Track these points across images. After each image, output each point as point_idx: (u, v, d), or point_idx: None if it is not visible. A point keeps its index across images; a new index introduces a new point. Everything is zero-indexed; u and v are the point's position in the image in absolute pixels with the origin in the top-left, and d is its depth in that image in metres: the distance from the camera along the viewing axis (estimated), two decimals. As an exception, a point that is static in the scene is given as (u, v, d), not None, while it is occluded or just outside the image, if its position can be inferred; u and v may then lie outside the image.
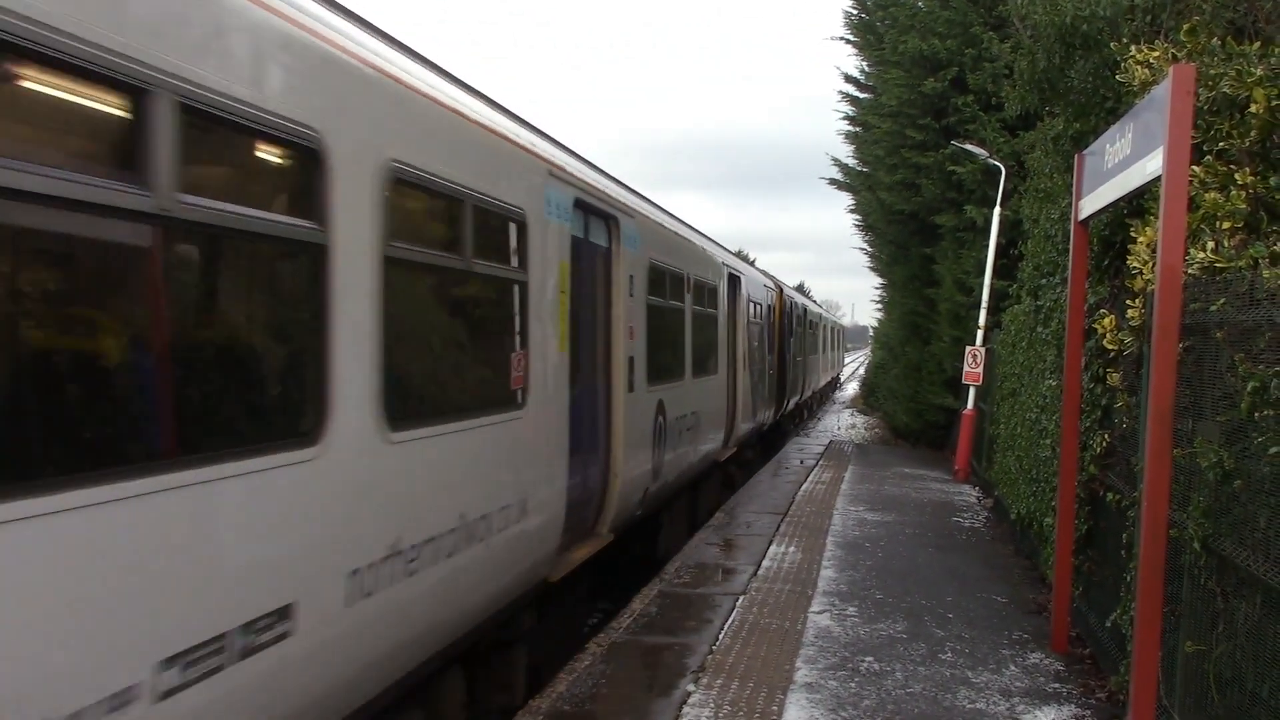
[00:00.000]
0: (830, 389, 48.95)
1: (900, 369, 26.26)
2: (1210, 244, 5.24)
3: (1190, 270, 5.23)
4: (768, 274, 23.65)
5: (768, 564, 10.70)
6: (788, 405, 24.69)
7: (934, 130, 20.09)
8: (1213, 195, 5.41)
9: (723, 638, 8.06)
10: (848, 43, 23.52)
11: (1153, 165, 5.38)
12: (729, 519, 13.62)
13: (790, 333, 24.20)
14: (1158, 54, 6.69)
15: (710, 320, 14.17)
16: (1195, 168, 5.48)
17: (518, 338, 6.68)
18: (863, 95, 24.08)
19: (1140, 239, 6.25)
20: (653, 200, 11.75)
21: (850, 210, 28.10)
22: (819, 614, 8.82)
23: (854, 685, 7.05)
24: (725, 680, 7.07)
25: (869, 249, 29.75)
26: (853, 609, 9.04)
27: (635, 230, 9.77)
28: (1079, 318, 7.76)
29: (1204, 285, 5.13)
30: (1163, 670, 5.43)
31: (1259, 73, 5.59)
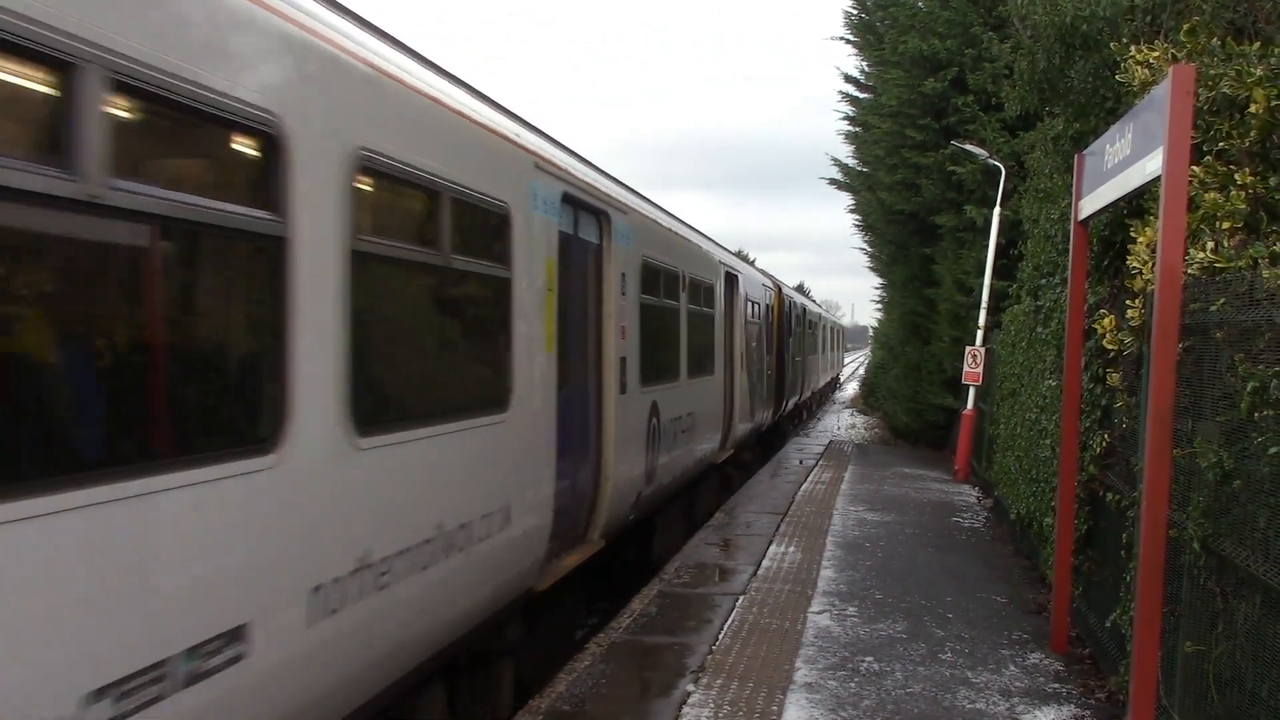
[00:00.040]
0: (830, 389, 48.95)
1: (900, 369, 26.27)
2: (1210, 244, 5.24)
3: (1190, 270, 5.23)
4: (766, 273, 23.61)
5: (767, 564, 10.70)
6: (786, 406, 24.63)
7: (934, 130, 20.09)
8: (1212, 195, 5.42)
9: (722, 638, 8.06)
10: (848, 43, 23.55)
11: (1152, 165, 5.38)
12: (729, 519, 13.62)
13: (789, 332, 24.14)
14: (1157, 54, 6.69)
15: (707, 320, 13.89)
16: (1195, 168, 5.48)
17: (501, 338, 6.44)
18: (863, 95, 24.09)
19: (1140, 239, 6.25)
20: (647, 197, 11.53)
21: (850, 210, 28.13)
22: (819, 614, 8.82)
23: (854, 685, 7.05)
24: (725, 680, 7.07)
25: (869, 249, 29.78)
26: (852, 609, 9.04)
27: (628, 227, 9.52)
28: (1079, 318, 7.77)
29: (1204, 285, 5.13)
30: (1162, 670, 5.44)
31: (1259, 73, 5.60)
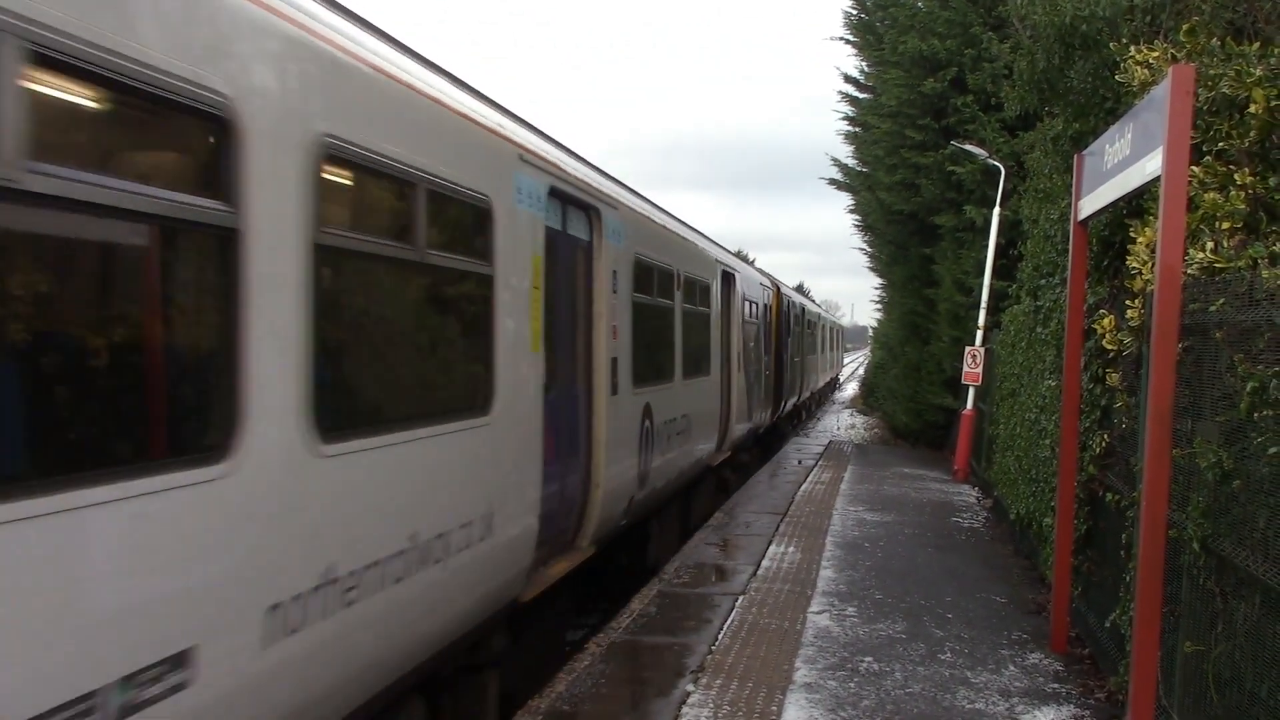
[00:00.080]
0: (829, 389, 48.96)
1: (900, 369, 26.28)
2: (1209, 244, 5.24)
3: (1189, 270, 5.23)
4: (765, 272, 23.58)
5: (767, 564, 10.70)
6: (785, 407, 24.57)
7: (933, 130, 20.10)
8: (1212, 195, 5.42)
9: (722, 638, 8.06)
10: (847, 43, 23.55)
11: (1152, 165, 5.39)
12: (728, 519, 13.62)
13: (788, 332, 24.09)
14: (1157, 54, 6.70)
15: (702, 319, 13.59)
16: (1194, 168, 5.48)
17: (482, 338, 6.17)
18: (862, 95, 24.10)
19: (1139, 239, 6.25)
20: (641, 193, 11.28)
21: (850, 210, 28.14)
22: (818, 614, 8.82)
23: (853, 685, 7.05)
24: (724, 680, 7.07)
25: (868, 249, 29.79)
26: (852, 609, 9.04)
27: (619, 223, 9.22)
28: (1078, 318, 7.77)
29: (1203, 285, 5.14)
30: (1162, 670, 5.44)
31: (1258, 73, 5.60)
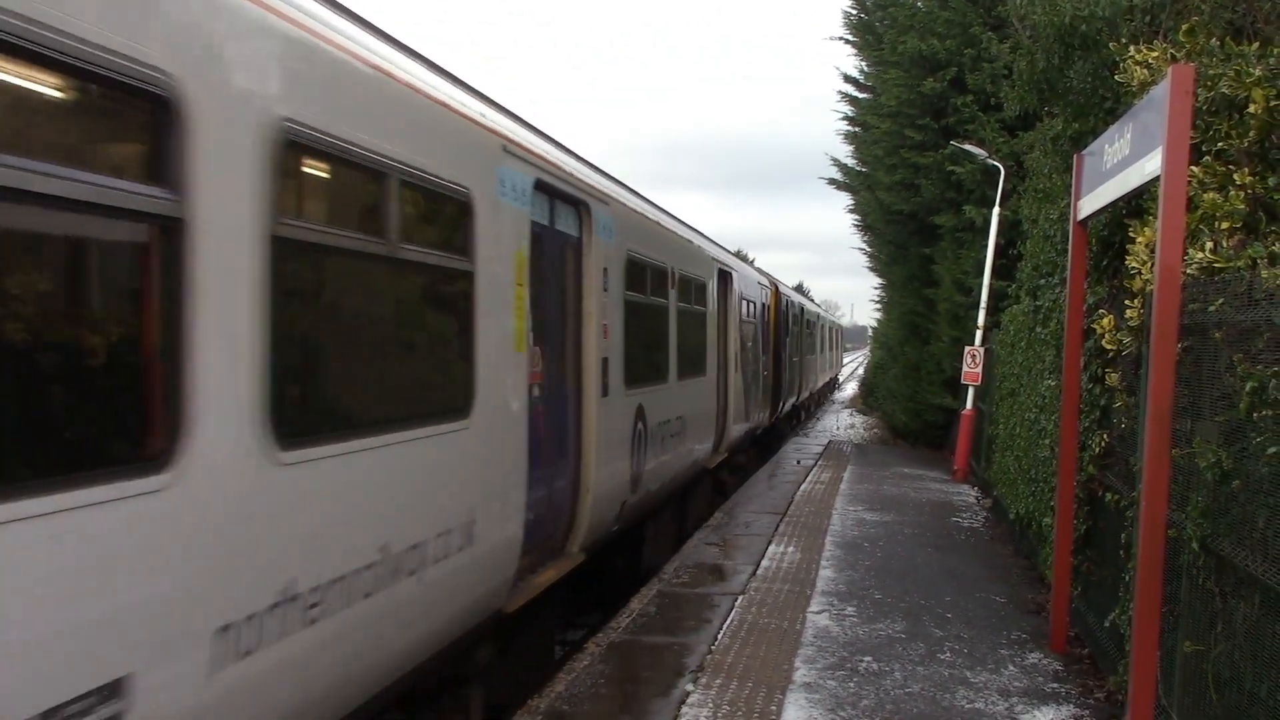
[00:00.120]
0: (829, 390, 48.97)
1: (899, 369, 26.29)
2: (1209, 244, 5.25)
3: (1189, 270, 5.24)
4: (763, 272, 23.57)
5: (766, 564, 10.70)
6: (783, 408, 24.53)
7: (933, 130, 20.11)
8: (1211, 195, 5.42)
9: (721, 637, 8.06)
10: (847, 43, 23.57)
11: (1151, 165, 5.39)
12: (728, 519, 13.63)
13: (786, 332, 24.06)
14: (1156, 54, 6.70)
15: (698, 319, 13.31)
16: (1194, 168, 5.48)
17: (461, 337, 5.87)
18: (862, 95, 24.11)
19: (1139, 239, 6.25)
20: (634, 189, 11.05)
21: (849, 210, 28.15)
22: (818, 614, 8.82)
23: (853, 685, 7.06)
24: (724, 680, 7.07)
25: (868, 249, 29.80)
26: (851, 609, 9.04)
27: (610, 219, 8.93)
28: (1078, 318, 7.77)
29: (1202, 285, 5.14)
30: (1161, 670, 5.44)
31: (1257, 73, 5.60)
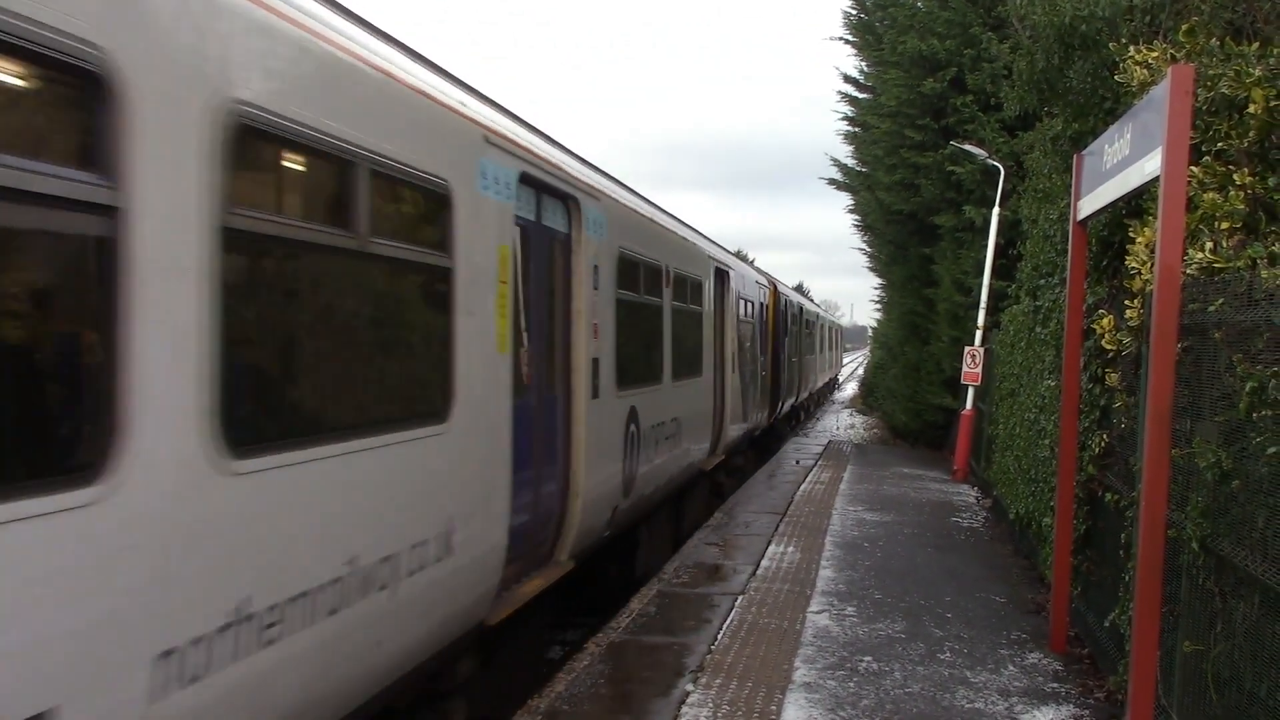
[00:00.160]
0: (828, 390, 48.97)
1: (899, 369, 26.29)
2: (1209, 244, 5.25)
3: (1189, 271, 5.24)
4: (762, 271, 23.54)
5: (766, 564, 10.70)
6: (782, 408, 24.47)
7: (933, 130, 20.12)
8: (1211, 195, 5.43)
9: (721, 637, 8.07)
10: (847, 43, 23.58)
11: (1151, 165, 5.39)
12: (727, 519, 13.63)
13: (785, 332, 23.99)
14: (1156, 54, 6.70)
15: (694, 318, 12.99)
16: (1194, 168, 5.49)
17: (438, 337, 5.60)
18: (862, 95, 24.11)
19: (1139, 239, 6.25)
20: (627, 184, 10.86)
21: (849, 210, 28.16)
22: (818, 614, 8.82)
23: (852, 685, 7.06)
24: (724, 680, 7.07)
25: (868, 249, 29.82)
26: (851, 609, 9.04)
27: (601, 215, 8.62)
28: (1077, 318, 7.77)
29: (1202, 286, 5.14)
30: (1161, 670, 5.44)
31: (1257, 73, 5.61)
